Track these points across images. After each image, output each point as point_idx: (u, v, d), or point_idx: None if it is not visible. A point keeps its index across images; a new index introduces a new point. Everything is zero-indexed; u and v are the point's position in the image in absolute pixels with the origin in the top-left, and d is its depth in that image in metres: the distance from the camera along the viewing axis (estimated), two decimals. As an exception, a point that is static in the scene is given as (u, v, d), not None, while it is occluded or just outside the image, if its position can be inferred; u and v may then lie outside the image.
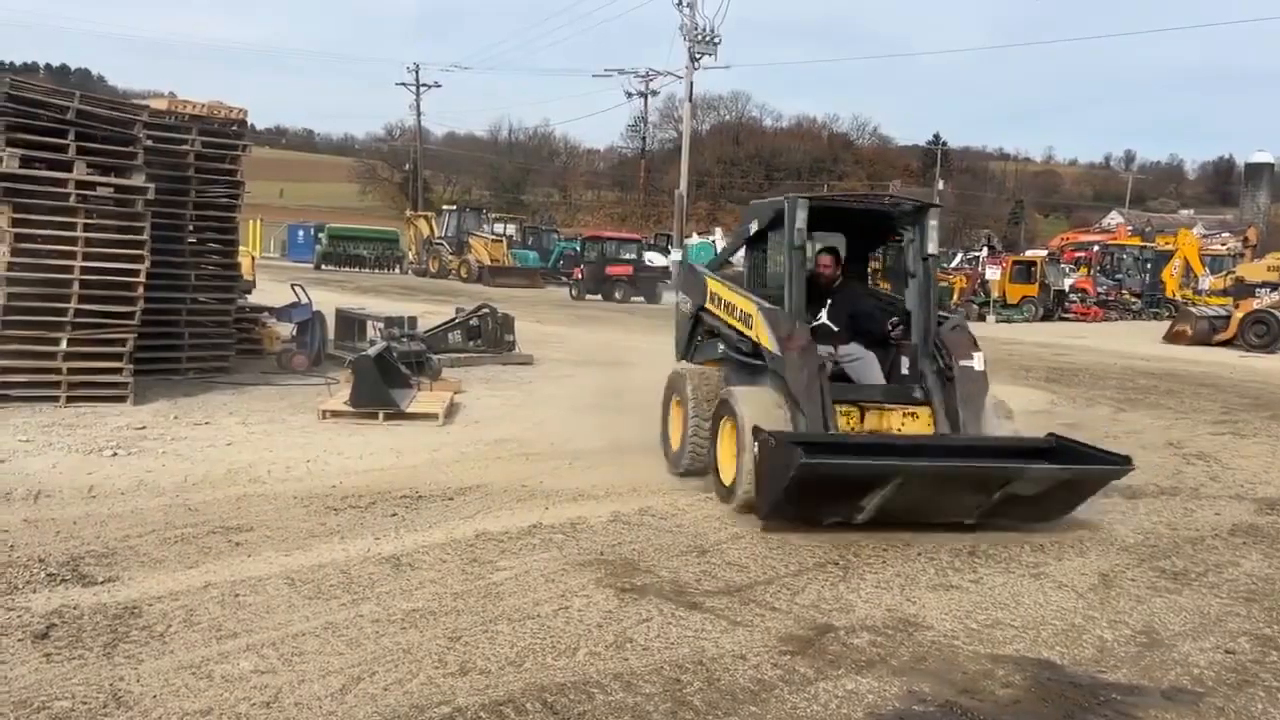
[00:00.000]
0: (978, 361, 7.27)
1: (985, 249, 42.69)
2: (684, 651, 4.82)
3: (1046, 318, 34.38)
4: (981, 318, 32.89)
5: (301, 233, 49.78)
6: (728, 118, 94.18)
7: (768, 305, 7.53)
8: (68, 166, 9.50)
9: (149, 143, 10.30)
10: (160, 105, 11.45)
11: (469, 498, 7.33)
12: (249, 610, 5.05)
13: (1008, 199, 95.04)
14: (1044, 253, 43.60)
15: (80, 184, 9.51)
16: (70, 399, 9.56)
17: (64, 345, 9.53)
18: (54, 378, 9.52)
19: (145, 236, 9.90)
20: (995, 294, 34.81)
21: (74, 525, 6.21)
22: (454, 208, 45.51)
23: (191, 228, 11.70)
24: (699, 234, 44.08)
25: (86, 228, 9.56)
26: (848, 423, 7.28)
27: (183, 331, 11.47)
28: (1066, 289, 36.99)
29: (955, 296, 33.23)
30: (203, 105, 11.96)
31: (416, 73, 64.49)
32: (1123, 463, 6.96)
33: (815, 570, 6.11)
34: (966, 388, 7.22)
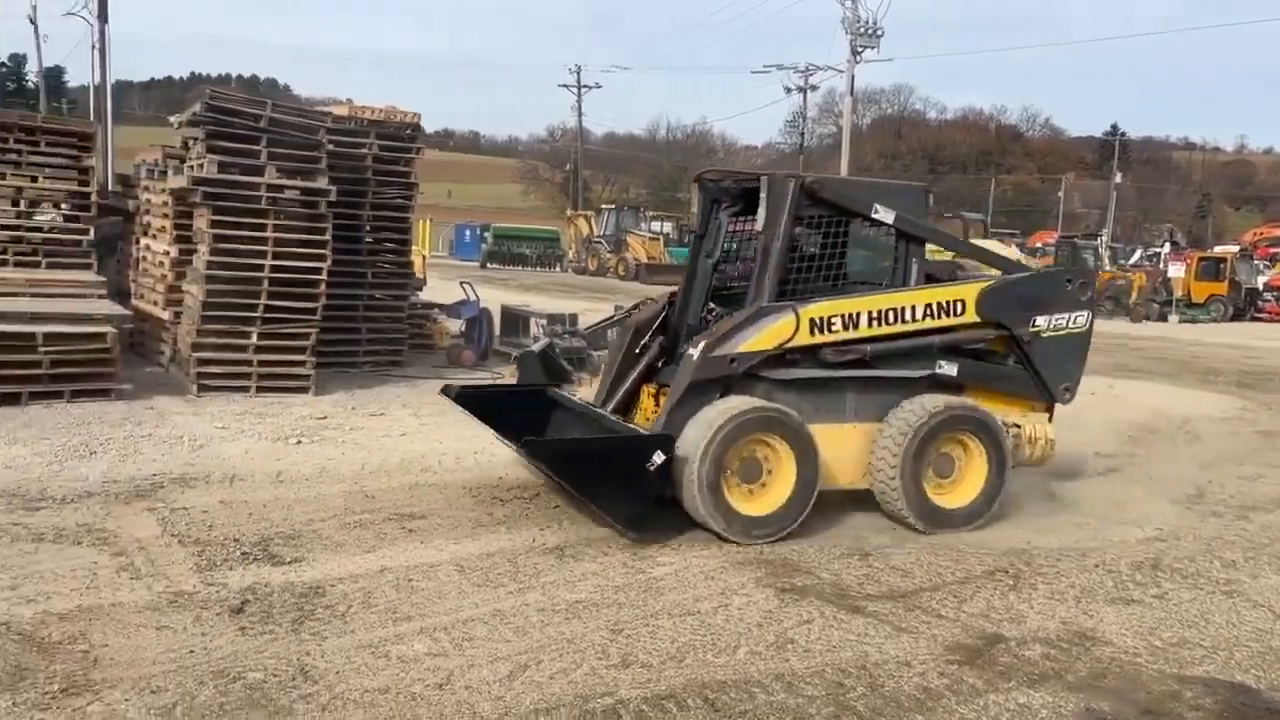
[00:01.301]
0: (695, 351, 6.62)
1: (1167, 245, 40.21)
2: (846, 655, 4.75)
3: (1236, 318, 32.15)
4: (1163, 317, 31.01)
5: (468, 232, 51.45)
6: (889, 111, 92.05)
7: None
8: (259, 171, 10.12)
9: (331, 147, 10.86)
10: (341, 111, 12.04)
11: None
12: (422, 595, 5.27)
13: (1193, 191, 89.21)
14: (1235, 248, 40.72)
15: (270, 187, 10.12)
16: (260, 389, 10.19)
17: (254, 339, 10.17)
18: (246, 369, 10.17)
19: (327, 236, 10.45)
20: (1179, 292, 32.74)
21: (264, 508, 6.62)
22: (612, 207, 46.14)
23: (369, 228, 12.26)
24: (859, 231, 43.29)
25: (275, 228, 10.16)
26: (651, 402, 7.32)
27: (360, 327, 12.04)
28: (1260, 287, 34.45)
29: (1134, 294, 31.42)
30: (380, 110, 12.50)
31: (578, 74, 65.72)
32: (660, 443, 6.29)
33: (984, 578, 5.91)
34: (676, 375, 6.78)
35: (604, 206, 48.61)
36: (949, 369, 7.01)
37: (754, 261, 7.02)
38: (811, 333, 6.63)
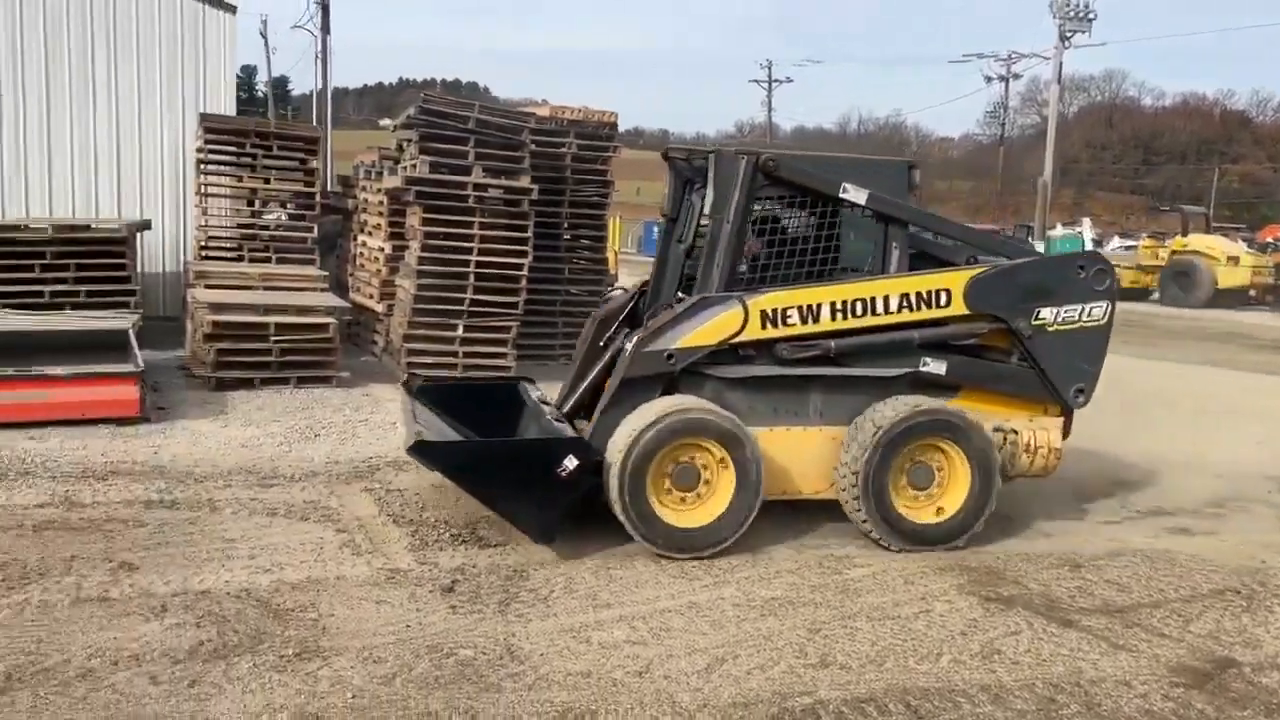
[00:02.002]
0: (630, 344, 6.17)
1: None
2: (1058, 670, 4.53)
3: None
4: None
5: (656, 229, 51.95)
6: (1099, 98, 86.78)
7: None
8: (467, 171, 10.58)
9: (533, 147, 11.23)
10: (543, 112, 12.42)
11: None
12: (620, 583, 5.38)
13: None
14: None
15: (477, 186, 10.56)
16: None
17: (460, 331, 10.66)
18: (452, 360, 10.67)
19: (529, 234, 10.83)
20: None
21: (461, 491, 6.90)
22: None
23: (566, 225, 12.61)
24: (1064, 225, 41.00)
25: (481, 226, 10.61)
26: None
27: (557, 320, 12.39)
28: None
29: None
30: (578, 110, 12.81)
31: (769, 69, 65.39)
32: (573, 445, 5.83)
33: (1211, 597, 5.51)
34: (613, 372, 6.28)
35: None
36: (935, 367, 6.25)
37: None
38: (763, 326, 5.99)
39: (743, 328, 5.96)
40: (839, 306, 6.07)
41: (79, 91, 12.84)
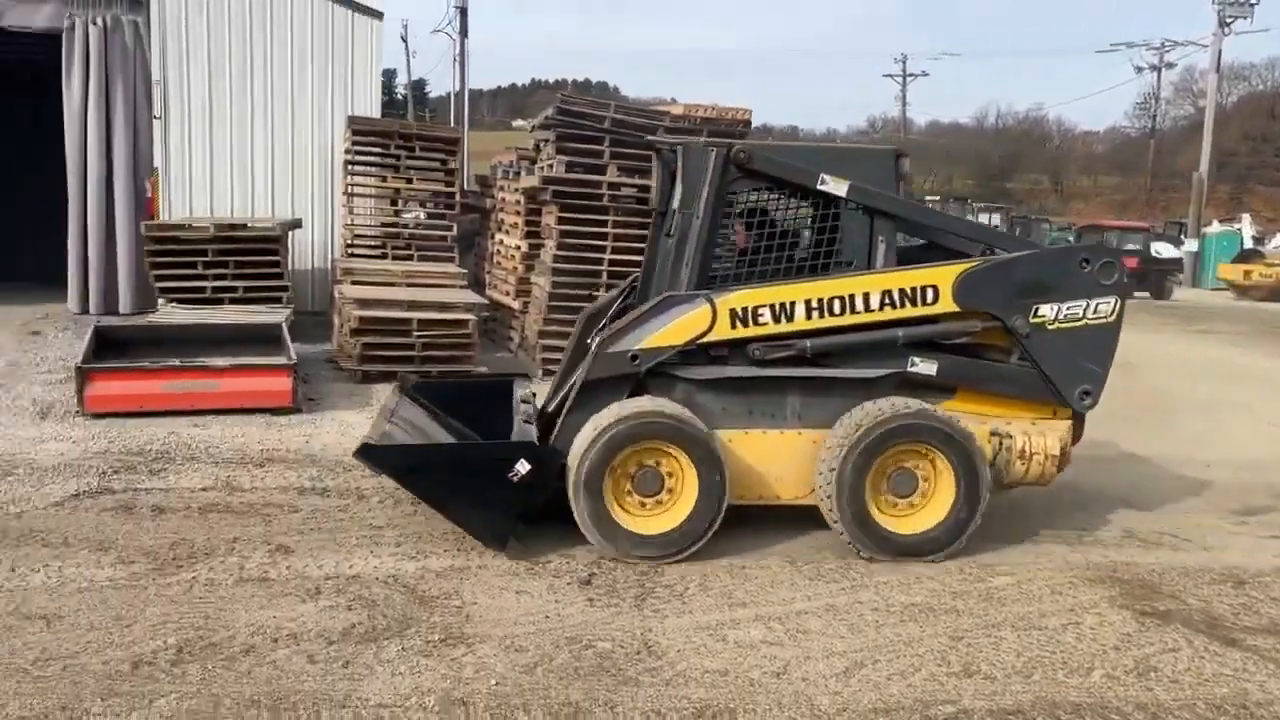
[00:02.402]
0: (595, 341, 5.92)
1: None
2: (1222, 691, 4.30)
3: None
4: None
5: (785, 226, 51.59)
6: (1260, 88, 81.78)
7: None
8: (602, 170, 10.72)
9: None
10: (677, 111, 12.46)
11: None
12: (755, 583, 5.36)
13: None
14: None
15: (611, 185, 10.69)
16: (596, 376, 10.79)
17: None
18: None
19: (662, 231, 10.89)
20: None
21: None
22: (936, 198, 44.54)
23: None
24: (1220, 221, 38.80)
25: (615, 224, 10.73)
26: None
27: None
28: None
29: None
30: (712, 109, 12.80)
31: (904, 63, 64.08)
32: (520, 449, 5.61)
33: (1394, 621, 5.13)
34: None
35: (928, 198, 47.00)
36: (925, 368, 5.89)
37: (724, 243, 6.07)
38: (733, 325, 5.73)
39: (711, 327, 5.74)
40: (815, 304, 5.78)
41: (238, 98, 13.55)
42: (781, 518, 6.48)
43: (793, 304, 5.76)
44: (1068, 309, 5.92)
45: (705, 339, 5.76)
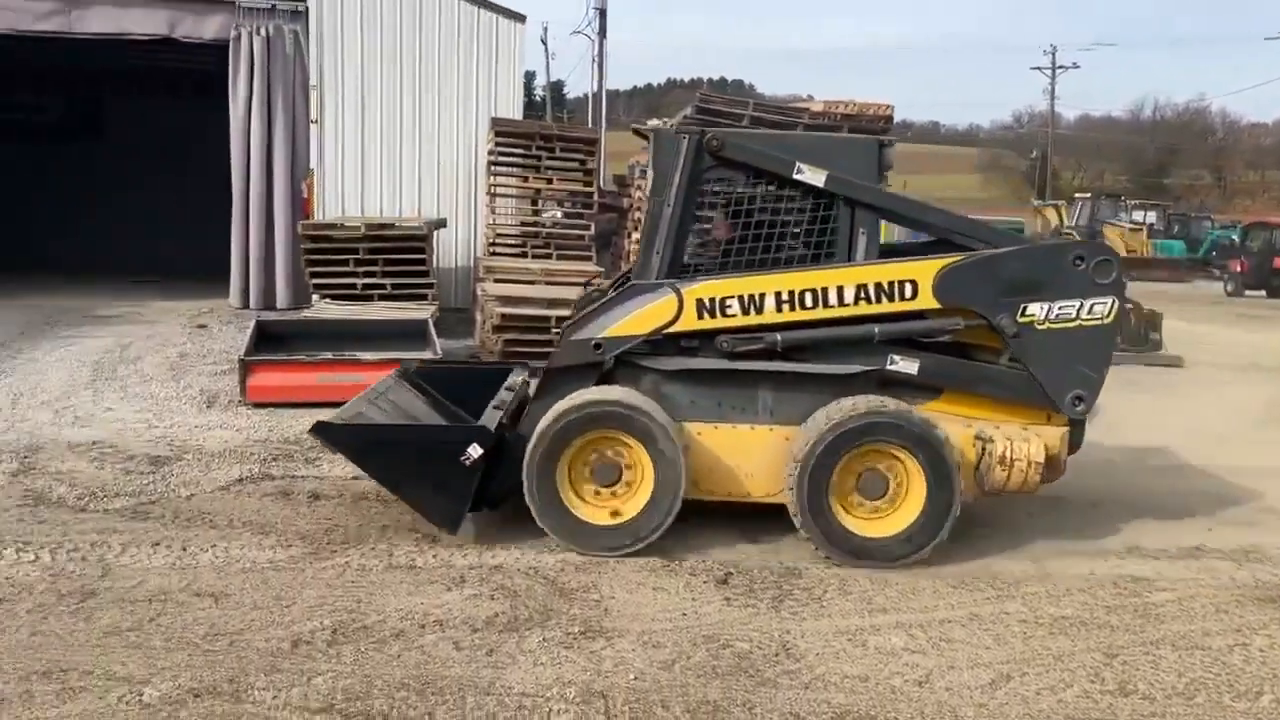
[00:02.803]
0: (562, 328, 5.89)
1: None
2: None
3: None
4: None
5: (923, 225, 50.29)
6: None
7: None
8: (739, 168, 10.68)
9: (805, 143, 11.17)
10: (816, 108, 12.34)
11: (1113, 508, 6.79)
12: (895, 589, 5.25)
13: None
14: None
15: (749, 183, 10.64)
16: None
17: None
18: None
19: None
20: None
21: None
22: (1087, 195, 42.64)
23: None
24: (1404, 219, 35.84)
25: (752, 223, 10.68)
26: None
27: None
28: None
29: None
30: (851, 104, 12.63)
31: (1053, 55, 61.57)
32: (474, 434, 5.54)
33: None
34: None
35: (1078, 195, 45.07)
36: (905, 366, 5.64)
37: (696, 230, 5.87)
38: (700, 316, 5.59)
39: (677, 317, 5.62)
40: (785, 297, 5.58)
41: (388, 102, 14.08)
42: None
43: (763, 296, 5.60)
44: (1060, 309, 5.61)
45: (671, 329, 5.67)
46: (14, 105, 18.18)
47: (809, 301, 5.60)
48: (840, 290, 5.59)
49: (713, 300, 5.62)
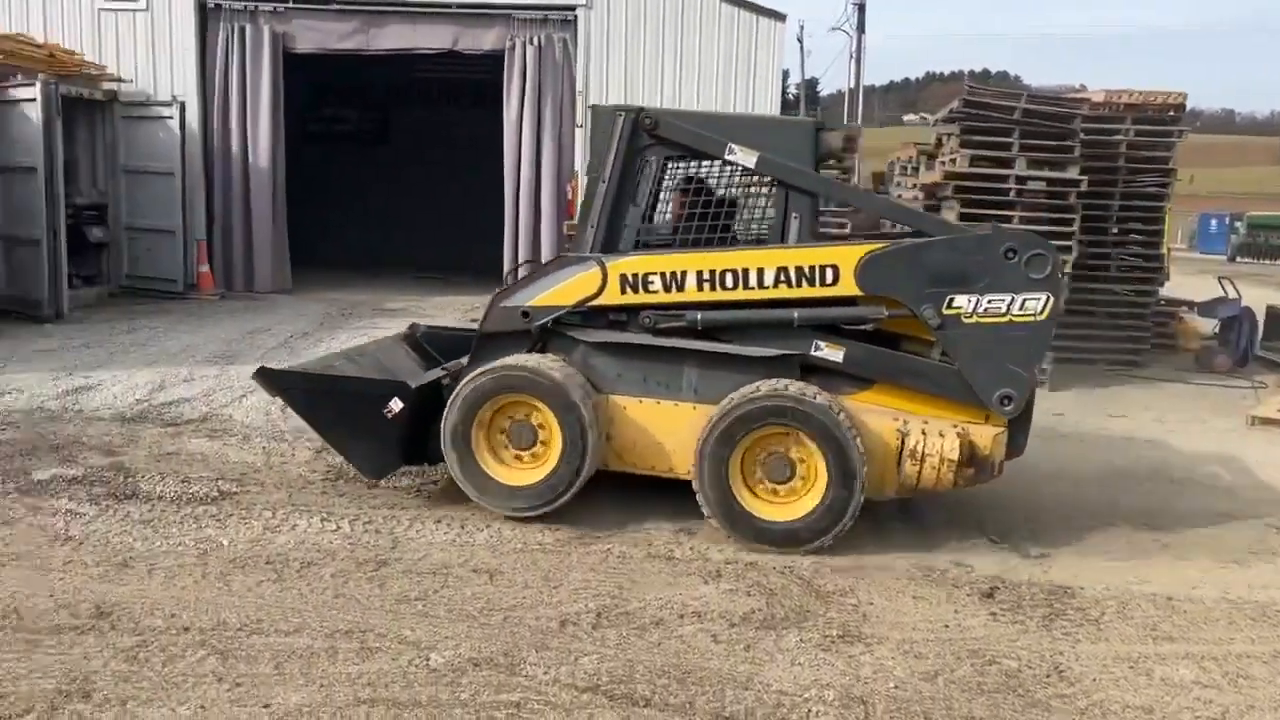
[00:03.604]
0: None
1: None
2: None
3: None
4: None
5: (1214, 222, 46.03)
6: None
7: None
8: (1008, 164, 10.18)
9: (1081, 135, 10.49)
10: (1097, 98, 11.55)
11: None
12: (1184, 617, 4.86)
13: None
14: None
15: (1018, 179, 10.12)
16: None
17: (992, 330, 10.29)
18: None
19: (1074, 228, 10.16)
20: None
21: (1007, 498, 6.64)
22: None
23: (1115, 218, 11.61)
24: None
25: (1021, 220, 10.14)
26: None
27: (1099, 322, 11.49)
28: None
29: None
30: (1136, 94, 11.73)
31: (1374, 29, 54.42)
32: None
33: None
34: None
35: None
36: (830, 354, 5.60)
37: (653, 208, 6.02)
38: (623, 291, 5.72)
39: (600, 290, 5.76)
40: (706, 276, 5.64)
41: (649, 104, 14.43)
42: (1219, 549, 5.84)
43: (684, 274, 5.68)
44: (989, 302, 5.42)
45: (595, 302, 5.82)
46: (320, 117, 20.08)
47: (729, 282, 5.66)
48: (760, 272, 5.63)
49: (636, 276, 5.76)
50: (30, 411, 7.83)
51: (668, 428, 5.87)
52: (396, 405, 5.80)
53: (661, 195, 6.13)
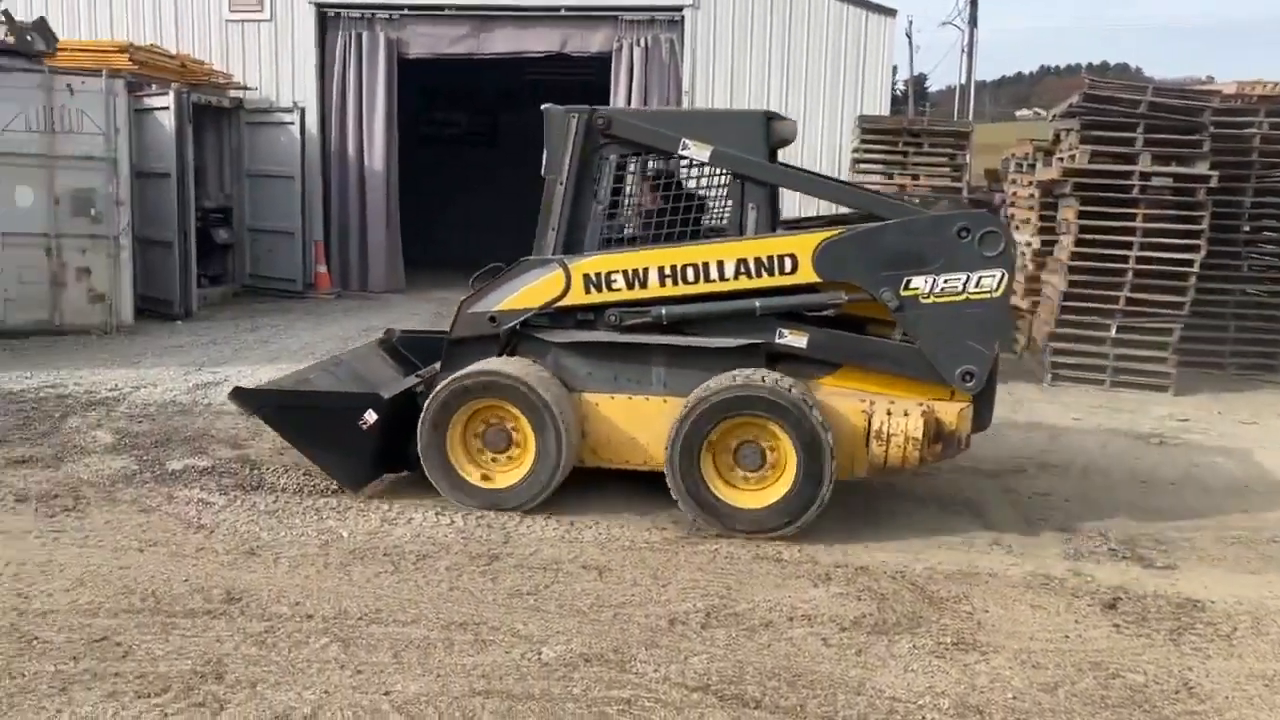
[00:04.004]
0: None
1: None
2: None
3: None
4: None
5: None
6: None
7: None
8: (1131, 159, 9.80)
9: (1210, 129, 10.03)
10: (1229, 90, 11.04)
11: None
12: (1323, 635, 4.61)
13: None
14: None
15: (1142, 175, 9.73)
16: (1114, 383, 9.96)
17: (1113, 331, 9.94)
18: (1101, 362, 10.00)
19: (1203, 226, 9.72)
20: None
21: (1128, 507, 6.43)
22: None
23: (1247, 216, 11.07)
24: None
25: (1145, 218, 9.76)
26: None
27: (1228, 324, 10.96)
28: None
29: None
30: (1272, 85, 11.18)
31: None
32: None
33: None
34: None
35: None
36: (794, 340, 5.72)
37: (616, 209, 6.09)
38: (587, 290, 5.84)
39: (565, 292, 5.88)
40: (668, 271, 5.75)
41: (755, 104, 14.37)
42: (1359, 563, 5.53)
43: (646, 270, 5.79)
44: (945, 282, 5.49)
45: (561, 303, 5.92)
46: (431, 120, 20.57)
47: (691, 276, 5.77)
48: (721, 264, 5.73)
49: (599, 275, 5.86)
50: (164, 405, 8.24)
51: (640, 422, 5.98)
52: (371, 417, 5.94)
53: (625, 192, 6.21)
